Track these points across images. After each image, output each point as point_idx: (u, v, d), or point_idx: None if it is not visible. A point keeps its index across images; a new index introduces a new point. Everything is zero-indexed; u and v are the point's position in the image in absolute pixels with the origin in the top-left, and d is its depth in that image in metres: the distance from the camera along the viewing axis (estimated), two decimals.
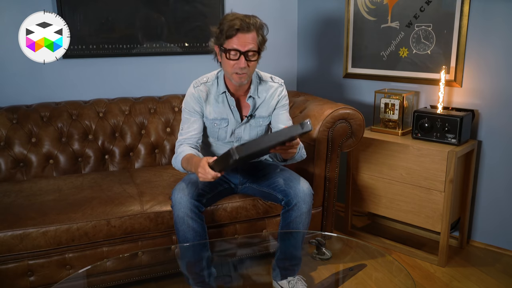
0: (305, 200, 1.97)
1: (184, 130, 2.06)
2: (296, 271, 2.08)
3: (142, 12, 2.75)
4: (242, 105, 2.08)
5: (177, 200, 1.91)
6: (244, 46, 1.86)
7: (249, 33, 1.86)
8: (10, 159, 2.41)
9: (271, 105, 2.09)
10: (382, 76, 2.82)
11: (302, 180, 2.05)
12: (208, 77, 2.06)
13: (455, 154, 2.27)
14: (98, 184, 2.28)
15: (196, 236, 1.92)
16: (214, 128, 2.07)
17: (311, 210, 2.02)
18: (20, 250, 1.91)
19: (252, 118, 2.09)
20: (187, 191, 1.92)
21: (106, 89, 2.75)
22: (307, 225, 2.03)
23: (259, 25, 1.90)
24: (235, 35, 1.85)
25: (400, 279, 1.85)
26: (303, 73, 3.30)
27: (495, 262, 2.44)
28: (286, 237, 2.08)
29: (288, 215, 1.99)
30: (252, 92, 2.04)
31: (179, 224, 1.91)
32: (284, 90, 2.12)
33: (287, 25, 3.23)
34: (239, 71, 1.89)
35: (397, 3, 2.67)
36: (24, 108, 2.51)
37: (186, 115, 2.06)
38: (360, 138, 2.38)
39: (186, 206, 1.89)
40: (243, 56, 1.86)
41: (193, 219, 1.90)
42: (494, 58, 2.39)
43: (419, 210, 2.43)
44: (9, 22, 2.47)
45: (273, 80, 2.11)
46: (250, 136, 2.11)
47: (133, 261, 2.10)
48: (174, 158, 2.03)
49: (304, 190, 1.99)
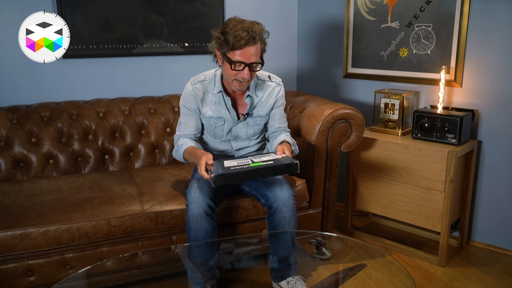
0: (286, 203, 1.95)
1: (182, 125, 2.10)
2: (292, 271, 2.07)
3: (142, 12, 2.75)
4: (239, 103, 2.08)
5: (194, 199, 1.91)
6: (249, 58, 1.86)
7: (254, 45, 1.85)
8: (10, 159, 2.41)
9: (268, 105, 2.10)
10: (382, 76, 2.82)
11: (282, 182, 2.03)
12: (206, 75, 2.07)
13: (455, 154, 2.27)
14: (98, 184, 2.28)
15: (206, 237, 1.92)
16: (210, 126, 2.09)
17: (295, 211, 2.00)
18: (20, 250, 1.91)
19: (249, 117, 2.09)
20: (204, 191, 1.93)
21: (106, 89, 2.75)
22: (294, 226, 2.01)
23: (262, 34, 1.89)
24: (243, 47, 1.84)
25: (400, 279, 1.85)
26: (303, 73, 3.30)
27: (495, 262, 2.44)
28: (276, 240, 2.07)
29: (272, 219, 1.98)
30: (250, 91, 2.05)
31: (192, 223, 1.91)
32: (282, 90, 2.12)
33: (287, 25, 3.23)
34: (241, 80, 1.90)
35: (397, 3, 2.67)
36: (24, 108, 2.51)
37: (184, 111, 2.09)
38: (360, 138, 2.38)
39: (202, 206, 1.90)
40: (247, 68, 1.87)
41: (207, 219, 1.91)
42: (494, 58, 2.39)
43: (419, 210, 2.43)
44: (9, 22, 2.47)
45: (271, 79, 2.12)
46: (247, 135, 2.12)
47: (133, 261, 2.10)
48: (175, 150, 2.08)
49: (283, 193, 1.97)
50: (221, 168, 1.81)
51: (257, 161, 1.87)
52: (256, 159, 1.90)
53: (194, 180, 2.03)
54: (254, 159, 1.91)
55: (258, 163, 1.84)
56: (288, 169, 1.81)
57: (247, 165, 1.83)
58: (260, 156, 1.96)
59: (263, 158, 1.90)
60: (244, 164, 1.84)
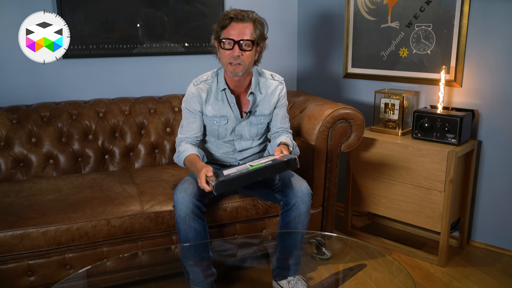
0: (304, 200, 1.97)
1: (184, 128, 2.09)
2: (296, 271, 2.08)
3: (142, 12, 2.75)
4: (242, 101, 2.08)
5: (179, 200, 1.91)
6: (238, 35, 1.87)
7: (243, 23, 1.87)
8: (10, 159, 2.41)
9: (272, 103, 2.10)
10: (382, 76, 2.82)
11: (300, 179, 2.04)
12: (208, 74, 2.07)
13: (455, 154, 2.27)
14: (98, 184, 2.28)
15: (197, 236, 1.92)
16: (213, 125, 2.08)
17: (310, 210, 2.02)
18: (20, 250, 1.91)
19: (252, 115, 2.09)
20: (189, 191, 1.92)
21: (106, 89, 2.75)
22: (306, 225, 2.03)
23: (255, 18, 1.91)
24: (229, 24, 1.87)
25: (400, 279, 1.85)
26: (303, 73, 3.30)
27: (495, 262, 2.44)
28: (285, 237, 2.08)
29: (287, 215, 1.99)
30: (253, 88, 2.04)
31: (181, 224, 1.91)
32: (284, 89, 2.13)
33: (287, 24, 3.23)
34: (233, 61, 1.90)
35: (397, 3, 2.67)
36: (24, 108, 2.51)
37: (186, 114, 2.08)
38: (360, 138, 2.38)
39: (188, 206, 1.89)
40: (237, 45, 1.88)
41: (195, 219, 1.90)
42: (494, 58, 2.39)
43: (419, 210, 2.43)
44: (9, 22, 2.47)
45: (273, 77, 2.11)
46: (250, 134, 2.11)
47: (133, 261, 2.10)
48: (176, 156, 2.07)
49: (303, 190, 1.98)
50: (221, 176, 1.81)
51: (255, 164, 1.88)
52: (254, 163, 1.91)
53: (181, 181, 2.04)
54: (252, 163, 1.92)
55: (257, 165, 1.85)
56: (288, 165, 1.82)
57: (246, 169, 1.83)
58: (258, 160, 1.97)
59: (262, 161, 1.91)
60: (243, 169, 1.85)
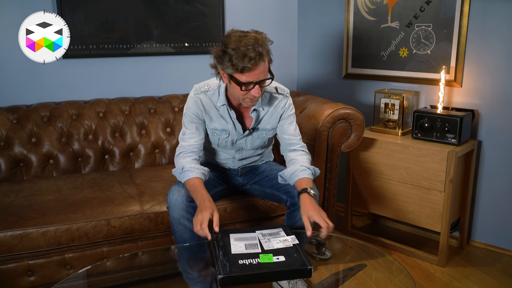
0: None
1: (186, 135, 1.98)
2: None
3: (142, 12, 2.75)
4: (245, 116, 2.01)
5: (172, 201, 1.88)
6: (259, 77, 1.75)
7: (263, 62, 1.72)
8: (10, 159, 2.41)
9: (275, 117, 2.02)
10: (382, 76, 2.82)
11: None
12: (210, 85, 1.96)
13: (455, 154, 2.27)
14: (98, 184, 2.28)
15: (193, 237, 1.90)
16: (214, 136, 2.02)
17: None
18: (20, 250, 1.91)
19: (254, 131, 2.03)
20: (182, 193, 1.88)
21: (106, 89, 2.75)
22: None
23: (267, 44, 1.75)
24: (252, 71, 1.71)
25: (400, 279, 1.85)
26: (303, 73, 3.30)
27: (495, 262, 2.44)
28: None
29: (294, 216, 1.96)
30: (257, 105, 1.95)
31: (175, 225, 1.89)
32: (289, 101, 2.03)
33: (287, 25, 3.23)
34: (252, 98, 1.81)
35: (397, 3, 2.67)
36: (24, 108, 2.51)
37: (187, 120, 1.98)
38: (360, 138, 2.38)
39: (181, 208, 1.86)
40: (258, 85, 1.76)
41: (189, 220, 1.87)
42: (494, 58, 2.39)
43: (419, 210, 2.43)
44: (9, 22, 2.47)
45: (277, 91, 2.02)
46: (252, 146, 2.06)
47: (133, 261, 2.10)
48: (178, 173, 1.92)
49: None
50: (227, 259, 1.58)
51: (267, 248, 1.65)
52: (265, 243, 1.67)
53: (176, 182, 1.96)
54: (263, 242, 1.68)
55: (268, 257, 1.60)
56: (300, 274, 1.60)
57: (256, 260, 1.58)
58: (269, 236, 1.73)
59: (275, 244, 1.67)
60: (253, 256, 1.61)
